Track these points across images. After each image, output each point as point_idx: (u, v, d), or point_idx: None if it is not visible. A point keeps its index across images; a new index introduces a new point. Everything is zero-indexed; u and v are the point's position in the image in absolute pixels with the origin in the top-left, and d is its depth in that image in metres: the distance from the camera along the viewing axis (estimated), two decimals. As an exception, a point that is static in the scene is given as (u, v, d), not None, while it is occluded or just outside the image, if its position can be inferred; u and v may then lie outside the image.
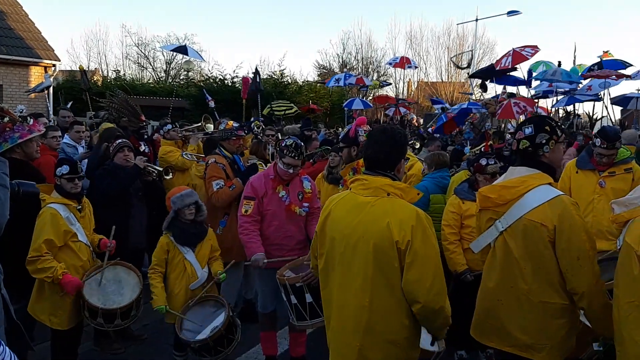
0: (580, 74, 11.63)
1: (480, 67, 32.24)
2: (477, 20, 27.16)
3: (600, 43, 48.09)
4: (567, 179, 4.89)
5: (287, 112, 13.51)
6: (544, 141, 2.79)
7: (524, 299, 2.78)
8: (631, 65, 11.93)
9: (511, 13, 23.08)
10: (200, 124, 8.99)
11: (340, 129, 13.21)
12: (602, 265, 3.12)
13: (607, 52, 16.01)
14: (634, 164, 4.79)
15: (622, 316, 2.47)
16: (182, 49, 12.28)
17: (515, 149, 2.93)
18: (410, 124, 17.00)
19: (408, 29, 44.98)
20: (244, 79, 13.83)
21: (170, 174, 6.45)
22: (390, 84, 26.40)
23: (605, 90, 11.16)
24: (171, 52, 28.24)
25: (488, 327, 2.96)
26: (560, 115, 12.33)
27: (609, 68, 11.15)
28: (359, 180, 2.67)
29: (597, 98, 11.72)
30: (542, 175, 2.79)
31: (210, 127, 8.97)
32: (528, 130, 2.84)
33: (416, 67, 27.40)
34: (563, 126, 11.17)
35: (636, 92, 12.24)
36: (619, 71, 10.84)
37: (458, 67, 18.97)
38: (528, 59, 10.29)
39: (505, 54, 10.27)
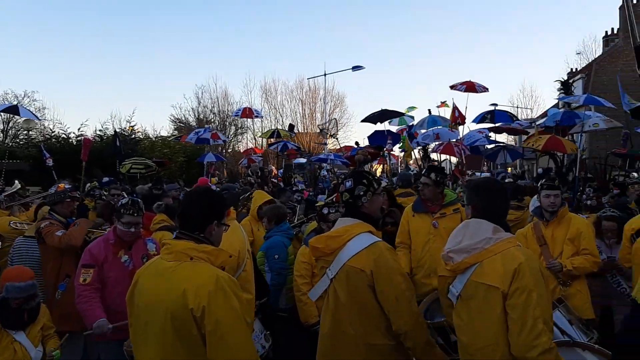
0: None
1: (332, 119, 34.03)
2: (325, 75, 28.95)
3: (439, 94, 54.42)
4: (405, 223, 5.21)
5: (143, 170, 12.92)
6: (361, 193, 3.02)
7: (353, 343, 2.90)
8: (518, 119, 14.14)
9: (356, 68, 24.94)
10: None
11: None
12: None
13: (444, 102, 17.84)
14: (459, 205, 5.31)
15: None
16: (13, 109, 11.38)
17: (341, 201, 3.15)
18: (270, 174, 17.29)
19: (263, 83, 46.38)
20: (85, 140, 13.12)
21: None
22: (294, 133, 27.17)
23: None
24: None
25: None
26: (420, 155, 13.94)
27: (501, 119, 13.14)
28: (165, 244, 2.57)
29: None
30: (363, 224, 2.99)
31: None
32: (348, 184, 3.07)
33: (261, 117, 28.37)
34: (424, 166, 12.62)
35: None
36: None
37: (329, 134, 20.08)
38: (478, 92, 11.64)
39: (466, 82, 11.50)
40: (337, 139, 21.10)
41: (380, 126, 13.78)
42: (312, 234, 4.83)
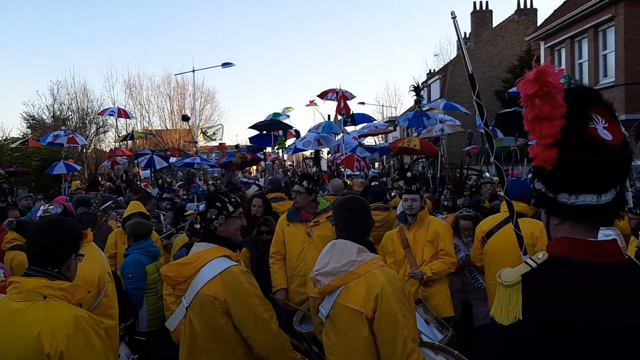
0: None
1: (202, 116, 33.33)
2: (194, 71, 28.15)
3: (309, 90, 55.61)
4: (280, 232, 5.20)
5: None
6: (213, 216, 2.93)
7: None
8: (375, 119, 14.99)
9: (226, 65, 24.50)
10: None
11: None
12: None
13: (312, 101, 18.20)
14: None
15: None
16: None
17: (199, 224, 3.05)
18: (135, 177, 16.36)
19: (126, 78, 43.92)
20: None
21: None
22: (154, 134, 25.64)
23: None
24: None
25: None
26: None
27: (361, 121, 13.70)
28: (13, 283, 2.32)
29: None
30: (218, 249, 2.91)
31: None
32: (202, 207, 3.00)
33: (134, 119, 27.22)
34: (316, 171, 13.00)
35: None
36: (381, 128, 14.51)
37: (209, 137, 19.40)
38: (349, 99, 12.39)
39: (333, 89, 12.33)
40: (215, 139, 20.58)
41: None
42: (184, 249, 4.59)
